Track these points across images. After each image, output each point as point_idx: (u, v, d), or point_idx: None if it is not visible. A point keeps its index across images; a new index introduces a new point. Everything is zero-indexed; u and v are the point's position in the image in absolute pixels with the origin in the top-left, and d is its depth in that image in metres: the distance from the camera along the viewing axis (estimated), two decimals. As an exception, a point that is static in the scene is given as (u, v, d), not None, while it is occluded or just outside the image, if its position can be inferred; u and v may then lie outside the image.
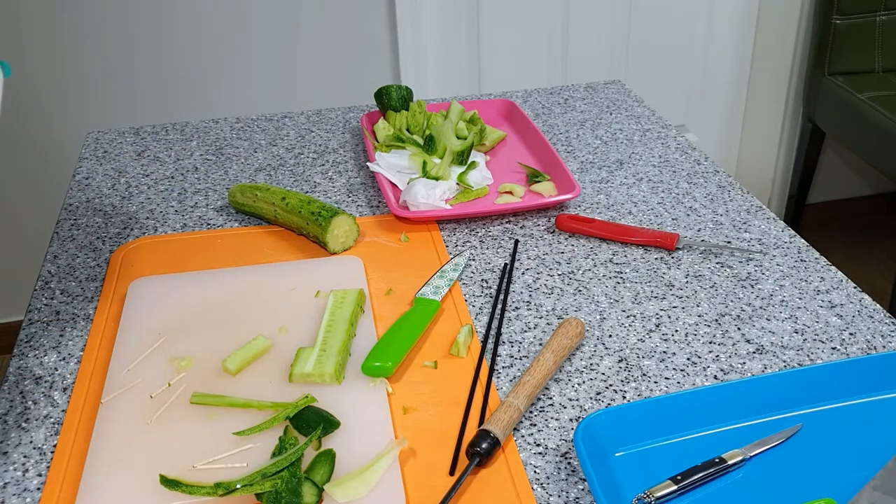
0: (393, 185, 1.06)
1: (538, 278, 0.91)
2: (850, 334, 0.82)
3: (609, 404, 0.74)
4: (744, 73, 2.58)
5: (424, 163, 1.06)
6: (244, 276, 0.90)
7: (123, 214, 1.05)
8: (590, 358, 0.79)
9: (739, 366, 0.78)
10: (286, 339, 0.80)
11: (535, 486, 0.66)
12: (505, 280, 0.90)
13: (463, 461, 0.67)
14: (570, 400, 0.74)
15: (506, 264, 0.93)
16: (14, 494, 0.66)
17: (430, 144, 1.09)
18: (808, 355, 0.79)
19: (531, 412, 0.73)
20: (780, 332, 0.82)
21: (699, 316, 0.85)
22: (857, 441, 0.69)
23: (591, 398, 0.75)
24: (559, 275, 0.91)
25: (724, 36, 2.50)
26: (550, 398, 0.75)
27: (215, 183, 1.12)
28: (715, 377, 0.77)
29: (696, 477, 0.64)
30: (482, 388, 0.75)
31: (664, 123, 1.27)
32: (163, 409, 0.72)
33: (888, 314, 0.84)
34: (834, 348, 0.80)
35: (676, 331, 0.83)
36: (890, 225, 2.78)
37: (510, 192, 1.05)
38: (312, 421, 0.68)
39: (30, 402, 0.75)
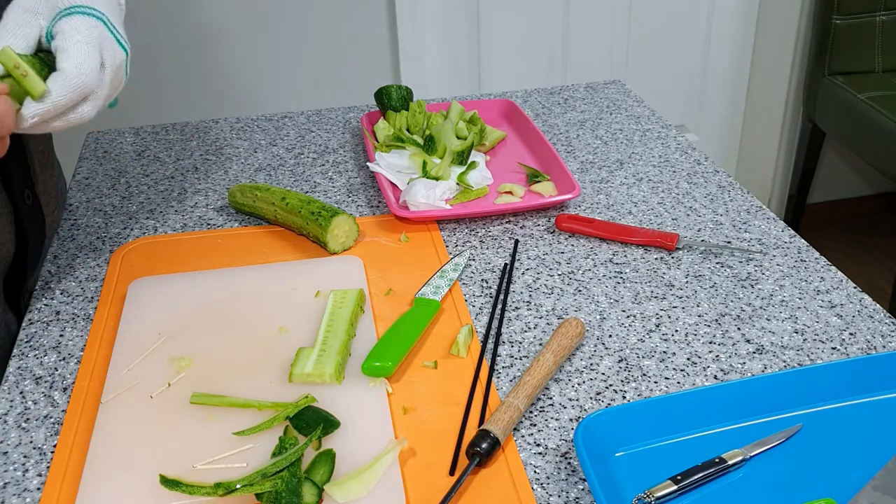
0: (393, 185, 1.06)
1: (538, 278, 0.91)
2: (850, 334, 0.82)
3: (609, 404, 0.74)
4: (744, 73, 2.58)
5: (424, 163, 1.06)
6: (244, 276, 0.90)
7: (123, 214, 1.05)
8: (590, 358, 0.79)
9: (739, 366, 0.78)
10: (286, 339, 0.80)
11: (535, 486, 0.66)
12: (505, 280, 0.90)
13: (463, 461, 0.67)
14: (570, 400, 0.74)
15: (506, 264, 0.93)
16: (14, 494, 0.66)
17: (430, 144, 1.09)
18: (808, 355, 0.79)
19: (531, 412, 0.73)
20: (780, 332, 0.82)
21: (699, 316, 0.85)
22: (857, 441, 0.69)
23: (591, 398, 0.75)
24: (559, 275, 0.91)
25: (724, 36, 2.50)
26: (550, 398, 0.75)
27: (215, 183, 1.12)
28: (715, 377, 0.77)
29: (696, 477, 0.64)
30: (482, 388, 0.75)
31: (664, 123, 1.27)
32: (163, 409, 0.72)
33: (888, 314, 0.84)
34: (834, 348, 0.80)
35: (676, 331, 0.83)
36: (890, 225, 2.78)
37: (510, 192, 1.05)
38: (312, 421, 0.68)
39: (30, 402, 0.75)
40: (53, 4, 0.72)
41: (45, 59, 0.72)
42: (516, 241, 0.97)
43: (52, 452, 0.69)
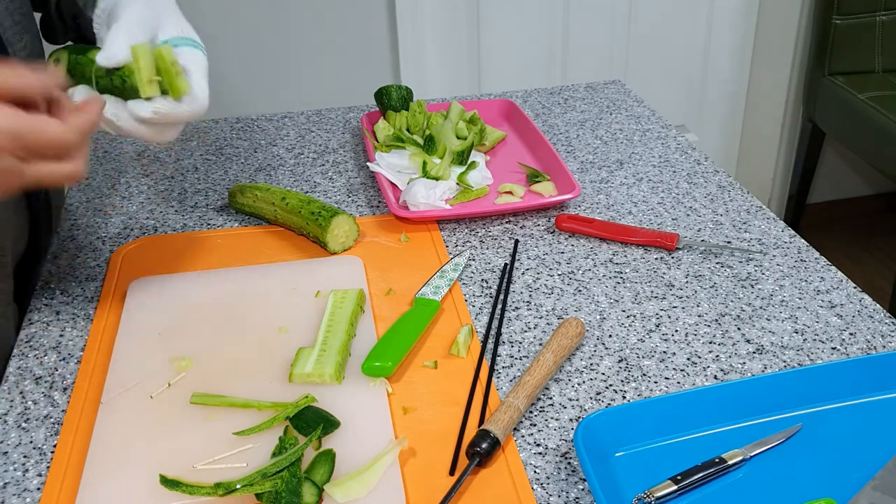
0: (393, 185, 1.06)
1: (538, 278, 0.91)
2: (850, 334, 0.82)
3: (609, 404, 0.74)
4: (744, 73, 2.58)
5: (424, 163, 1.06)
6: (244, 276, 0.90)
7: (123, 214, 1.05)
8: (590, 358, 0.79)
9: (739, 366, 0.78)
10: (286, 339, 0.80)
11: (535, 486, 0.66)
12: (505, 280, 0.90)
13: (463, 461, 0.67)
14: (570, 400, 0.74)
15: (506, 264, 0.93)
16: (14, 494, 0.66)
17: (430, 144, 1.09)
18: (808, 355, 0.79)
19: (531, 412, 0.73)
20: (780, 332, 0.82)
21: (699, 316, 0.85)
22: (857, 441, 0.69)
23: (591, 398, 0.75)
24: (559, 275, 0.91)
25: (724, 36, 2.50)
26: (550, 398, 0.75)
27: (215, 183, 1.12)
28: (715, 377, 0.77)
29: (696, 477, 0.64)
30: (482, 388, 0.75)
31: (664, 123, 1.27)
32: (163, 409, 0.72)
33: (888, 314, 0.84)
34: (834, 348, 0.80)
35: (676, 331, 0.83)
36: (890, 225, 2.78)
37: (510, 192, 1.05)
38: (312, 421, 0.68)
39: (30, 402, 0.75)
40: (154, 28, 0.76)
41: None
42: (516, 241, 0.97)
43: (52, 452, 0.69)
